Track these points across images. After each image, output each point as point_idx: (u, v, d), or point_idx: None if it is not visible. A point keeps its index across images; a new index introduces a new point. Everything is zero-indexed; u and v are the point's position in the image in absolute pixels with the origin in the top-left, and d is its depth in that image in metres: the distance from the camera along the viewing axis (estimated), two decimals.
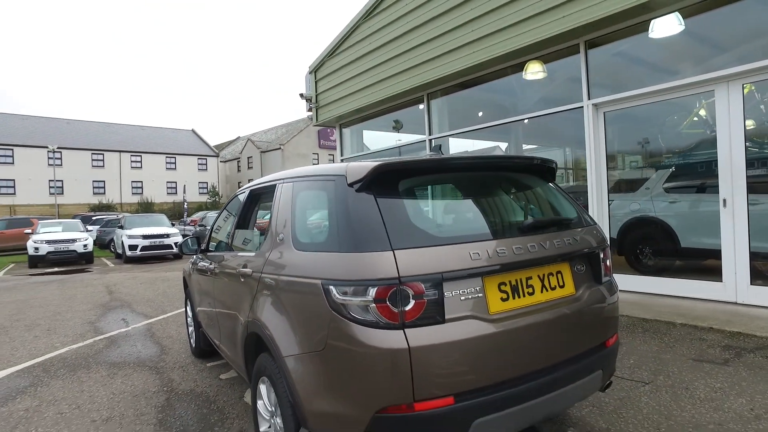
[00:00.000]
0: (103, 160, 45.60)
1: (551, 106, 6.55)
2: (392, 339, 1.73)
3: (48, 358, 4.85)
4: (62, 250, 14.07)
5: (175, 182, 50.20)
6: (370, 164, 1.97)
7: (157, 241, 15.48)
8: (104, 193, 44.89)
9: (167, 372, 4.26)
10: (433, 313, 1.79)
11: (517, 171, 2.51)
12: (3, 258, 17.25)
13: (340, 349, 1.82)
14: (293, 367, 1.99)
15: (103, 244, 19.32)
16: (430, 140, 8.54)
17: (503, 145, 8.81)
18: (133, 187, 47.07)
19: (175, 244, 15.56)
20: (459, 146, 9.04)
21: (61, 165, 42.24)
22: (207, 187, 52.41)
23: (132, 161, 47.56)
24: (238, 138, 65.66)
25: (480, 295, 1.90)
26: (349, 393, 1.82)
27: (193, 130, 58.83)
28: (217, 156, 55.83)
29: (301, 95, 11.22)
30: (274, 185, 2.74)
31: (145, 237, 15.30)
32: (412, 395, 1.73)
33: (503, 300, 1.95)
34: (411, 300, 1.76)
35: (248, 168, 54.96)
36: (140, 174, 47.89)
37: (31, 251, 13.95)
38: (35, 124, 45.16)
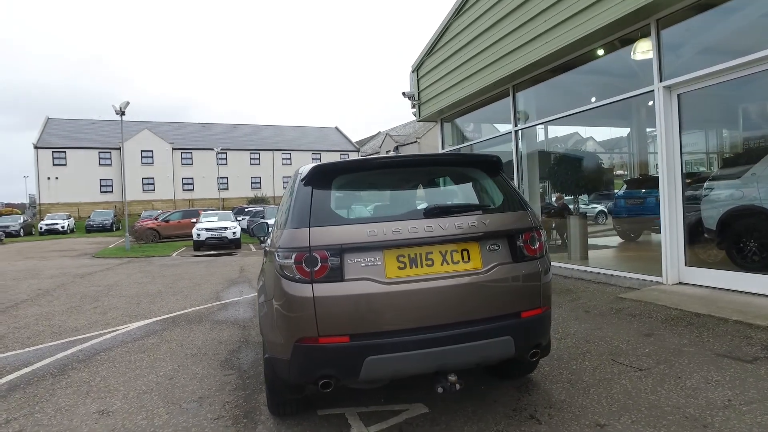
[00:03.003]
0: (259, 159, 52.16)
1: (621, 92, 6.26)
2: (304, 290, 2.40)
3: (178, 315, 6.38)
4: (217, 236, 16.98)
5: None
6: (311, 165, 2.63)
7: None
8: (260, 188, 51.29)
9: (249, 330, 5.37)
10: (335, 274, 2.41)
11: (441, 166, 2.96)
12: (179, 242, 21.30)
13: (278, 296, 2.52)
14: (259, 309, 2.76)
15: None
16: (516, 131, 8.60)
17: (589, 131, 8.48)
18: (284, 182, 52.98)
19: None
20: (552, 132, 8.94)
21: (226, 164, 49.49)
22: None
23: (283, 158, 53.49)
24: (379, 133, 68.98)
25: (379, 263, 2.44)
26: (282, 327, 2.53)
27: (336, 128, 63.53)
28: (358, 151, 59.64)
29: (404, 93, 11.95)
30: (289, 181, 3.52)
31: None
32: (317, 331, 2.39)
33: (400, 269, 2.46)
34: (319, 263, 2.40)
35: None
36: (290, 170, 53.68)
37: (194, 237, 17.10)
38: (209, 130, 53.47)
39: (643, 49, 5.93)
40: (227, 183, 49.86)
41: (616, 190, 10.02)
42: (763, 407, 2.70)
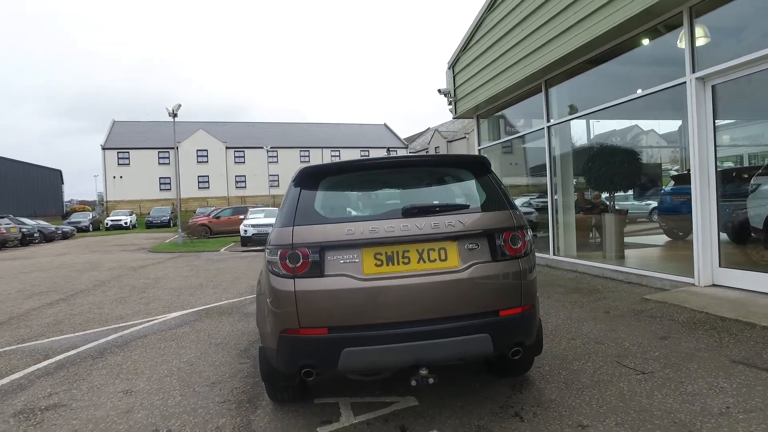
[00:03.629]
0: (308, 156, 53.40)
1: (653, 85, 6.00)
2: (287, 284, 2.56)
3: (212, 306, 6.77)
4: (262, 232, 17.61)
5: None
6: (301, 167, 2.77)
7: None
8: None
9: None
10: (315, 269, 2.55)
11: (427, 167, 3.01)
12: (228, 238, 22.25)
13: (267, 290, 2.70)
14: (256, 302, 2.94)
15: None
16: (548, 127, 8.41)
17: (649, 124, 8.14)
18: None
19: None
20: (602, 126, 8.68)
21: (277, 162, 51.02)
22: None
23: (332, 155, 54.44)
24: (428, 129, 68.83)
25: (357, 260, 2.56)
26: (270, 319, 2.71)
27: (385, 125, 63.90)
28: (407, 147, 59.74)
29: (439, 90, 11.93)
30: None
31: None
32: (298, 323, 2.54)
33: (377, 266, 2.56)
34: (300, 259, 2.55)
35: None
36: None
37: (242, 233, 17.84)
38: (260, 129, 55.30)
39: (675, 39, 5.66)
40: (278, 180, 51.44)
41: (664, 187, 9.57)
42: (763, 416, 2.59)
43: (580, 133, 8.73)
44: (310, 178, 2.82)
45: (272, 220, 16.41)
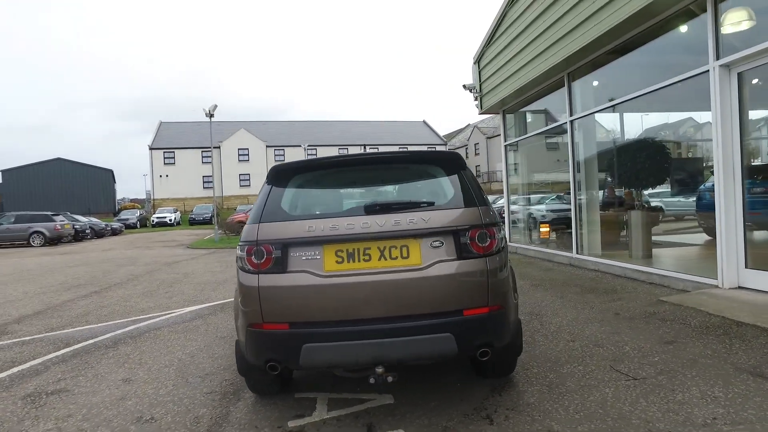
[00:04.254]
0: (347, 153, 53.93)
1: (675, 75, 5.67)
2: (252, 280, 2.61)
3: (229, 301, 6.96)
4: None
5: None
6: (273, 165, 2.80)
7: None
8: None
9: None
10: (278, 266, 2.58)
11: (397, 163, 2.99)
12: None
13: (238, 285, 2.76)
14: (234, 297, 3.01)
15: None
16: (571, 121, 8.11)
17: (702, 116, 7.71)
18: None
19: None
20: (613, 121, 8.31)
21: None
22: None
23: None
24: (467, 125, 68.04)
25: (318, 257, 2.56)
26: (239, 313, 2.76)
27: (424, 121, 63.60)
28: (445, 144, 59.28)
29: (464, 86, 11.75)
30: None
31: None
32: (262, 318, 2.59)
33: (338, 263, 2.56)
34: (264, 255, 2.58)
35: (475, 154, 56.86)
36: None
37: None
38: (299, 127, 56.29)
39: (699, 24, 5.33)
40: None
41: (704, 183, 9.03)
42: (750, 429, 2.41)
43: (606, 126, 8.38)
44: (280, 176, 2.86)
45: None
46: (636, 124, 7.78)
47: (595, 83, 7.86)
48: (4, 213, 25.26)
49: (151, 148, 48.21)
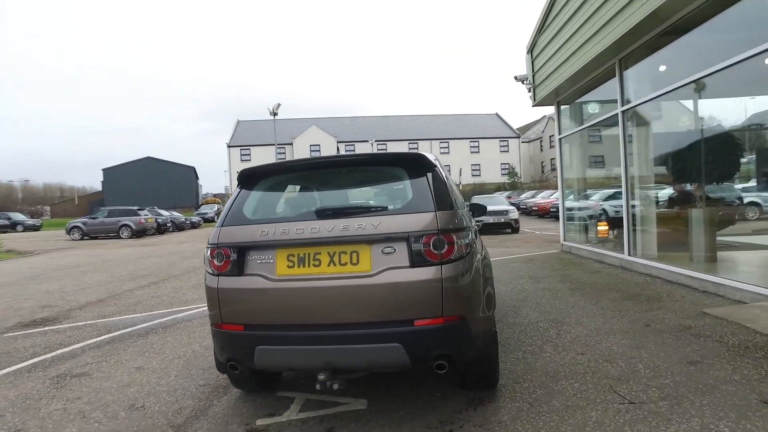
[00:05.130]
0: (417, 148, 53.80)
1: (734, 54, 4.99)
2: (213, 281, 2.68)
3: None
4: None
5: (479, 165, 54.51)
6: (242, 169, 2.84)
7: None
8: None
9: None
10: (235, 268, 2.62)
11: (358, 166, 2.93)
12: None
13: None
14: None
15: None
16: (623, 112, 7.45)
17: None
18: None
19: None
20: (674, 109, 7.53)
21: None
22: (508, 168, 54.67)
23: (441, 147, 54.14)
24: (543, 117, 65.19)
25: (271, 261, 2.57)
26: (208, 313, 2.81)
27: (497, 114, 61.85)
28: (518, 137, 57.30)
29: (516, 77, 11.21)
30: None
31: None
32: (221, 319, 2.65)
33: (289, 267, 2.54)
34: (224, 258, 2.63)
35: (549, 147, 54.43)
36: (448, 159, 54.10)
37: None
38: (368, 123, 56.95)
39: None
40: None
41: None
42: None
43: (663, 116, 7.61)
44: (247, 180, 2.90)
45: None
46: (698, 112, 6.98)
47: (648, 70, 7.14)
48: (99, 208, 28.07)
49: (229, 146, 51.18)
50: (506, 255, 10.43)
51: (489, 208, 17.50)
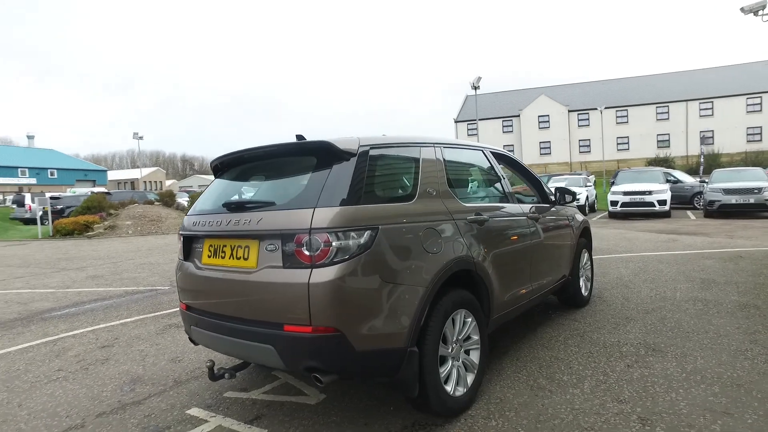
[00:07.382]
0: (667, 113, 45.10)
1: None
2: (177, 265, 3.02)
3: None
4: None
5: (760, 127, 42.56)
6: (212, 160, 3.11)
7: (638, 198, 15.23)
8: (668, 146, 44.18)
9: None
10: (185, 254, 2.91)
11: (273, 158, 2.83)
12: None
13: None
14: None
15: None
16: None
17: None
18: (701, 137, 43.60)
19: (659, 201, 14.83)
20: None
21: (627, 122, 45.49)
22: None
23: (701, 109, 44.13)
24: None
25: (201, 249, 2.77)
26: None
27: None
28: None
29: (742, 9, 8.24)
30: None
31: (625, 193, 15.41)
32: (180, 299, 3.00)
33: (209, 257, 2.70)
34: (181, 244, 2.96)
35: None
36: (710, 122, 43.79)
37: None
38: (608, 87, 50.23)
39: None
40: (627, 143, 45.98)
41: None
42: None
43: None
44: (215, 171, 3.14)
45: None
46: None
47: None
48: None
49: (456, 121, 52.43)
50: (726, 247, 8.09)
51: (728, 185, 13.82)
